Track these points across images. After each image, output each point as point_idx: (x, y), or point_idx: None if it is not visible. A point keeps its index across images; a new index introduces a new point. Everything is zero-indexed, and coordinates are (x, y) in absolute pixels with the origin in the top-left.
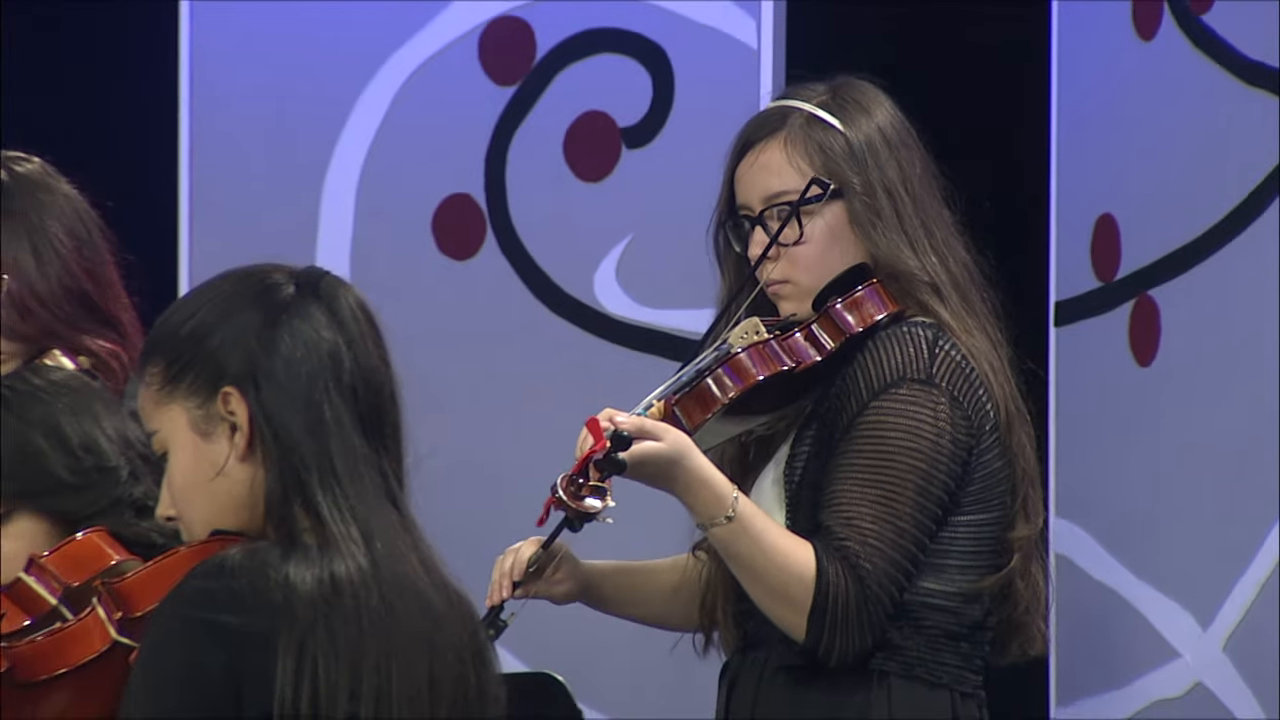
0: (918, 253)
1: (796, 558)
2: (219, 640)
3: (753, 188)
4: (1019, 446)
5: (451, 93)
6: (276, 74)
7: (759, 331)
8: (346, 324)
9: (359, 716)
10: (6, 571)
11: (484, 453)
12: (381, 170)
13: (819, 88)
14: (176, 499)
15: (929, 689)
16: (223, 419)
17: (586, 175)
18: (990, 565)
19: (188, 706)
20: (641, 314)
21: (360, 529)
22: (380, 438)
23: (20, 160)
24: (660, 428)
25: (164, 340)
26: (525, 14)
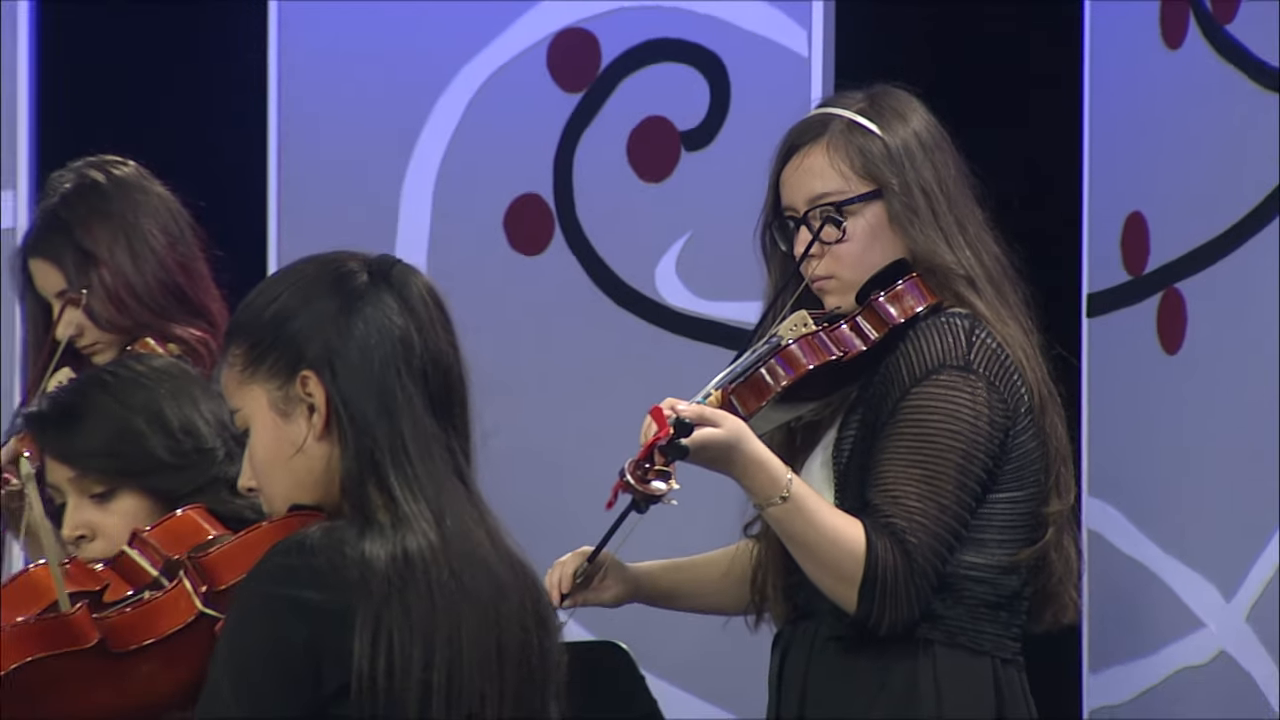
0: (953, 248)
1: (847, 534)
2: (300, 616)
3: (797, 190)
4: (1051, 427)
5: (522, 99)
6: (359, 80)
7: (807, 324)
8: (416, 310)
9: (432, 685)
10: (111, 545)
11: (551, 436)
12: (456, 171)
13: (857, 96)
14: (257, 473)
15: (971, 656)
16: (301, 400)
17: (648, 176)
18: (1026, 539)
19: (270, 678)
20: (699, 306)
21: (430, 506)
22: (449, 418)
23: (117, 164)
24: (719, 415)
25: (246, 323)
26: (591, 25)
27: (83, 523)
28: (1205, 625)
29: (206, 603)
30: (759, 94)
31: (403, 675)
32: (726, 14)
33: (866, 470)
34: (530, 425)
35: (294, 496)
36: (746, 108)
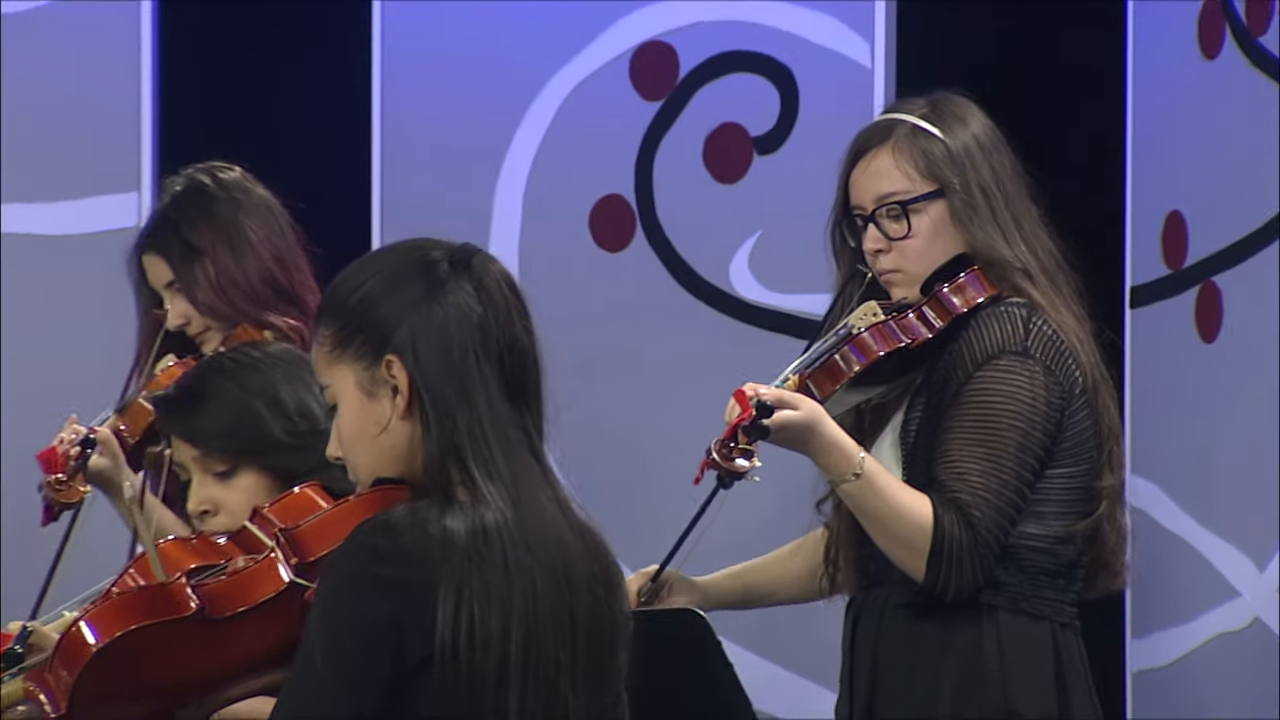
0: (1010, 243)
1: (916, 509)
2: (385, 592)
3: (865, 190)
4: (1104, 407)
5: (606, 106)
6: (456, 89)
7: (877, 314)
8: (494, 297)
9: (510, 654)
10: (233, 520)
11: (633, 420)
12: (545, 173)
13: (920, 102)
14: (344, 447)
15: (1032, 621)
16: (386, 382)
17: (722, 178)
18: (1081, 511)
19: (358, 650)
20: (771, 298)
21: (506, 483)
22: (524, 399)
23: (224, 168)
24: (797, 398)
25: (335, 306)
26: (670, 39)
27: (207, 498)
28: (1240, 594)
29: (297, 573)
30: (825, 101)
31: (483, 646)
32: (795, 28)
33: (932, 449)
34: (613, 410)
35: (378, 470)
36: (814, 114)
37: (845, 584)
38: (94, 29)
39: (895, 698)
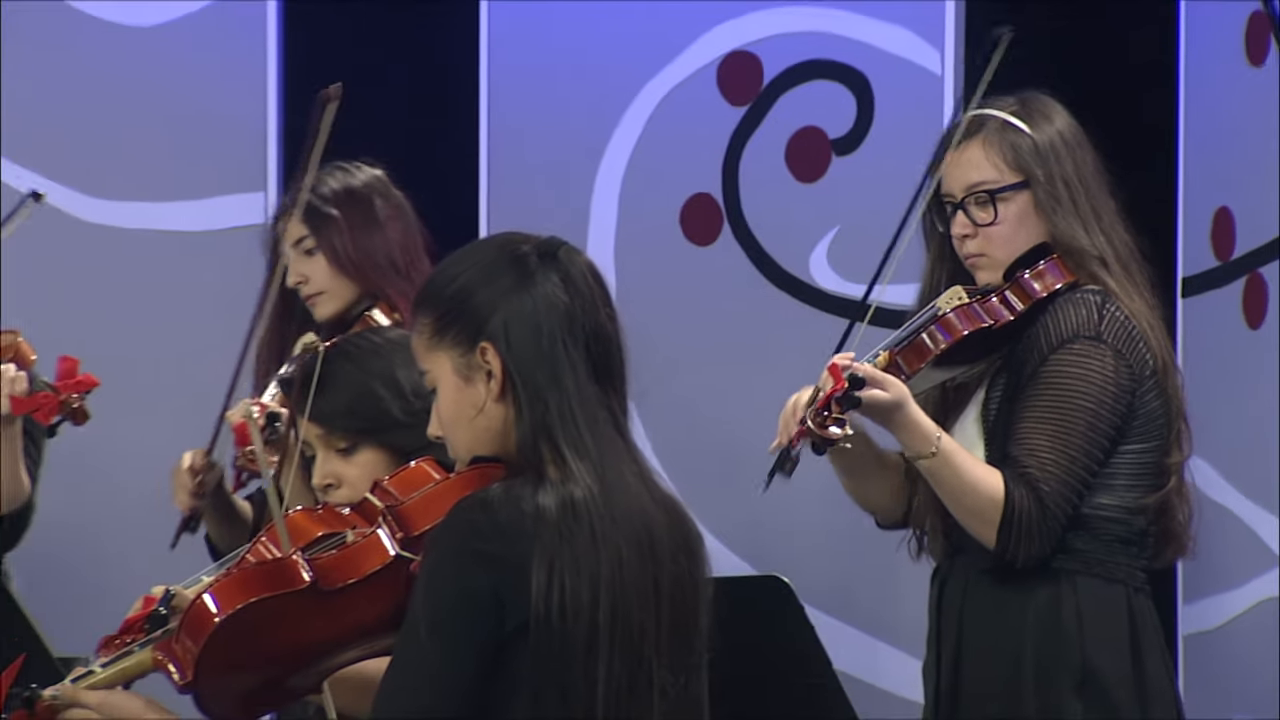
0: (1089, 233)
1: (988, 483)
2: (483, 565)
3: (956, 179)
4: (1173, 389)
5: (696, 111)
6: (557, 96)
7: (962, 297)
8: (579, 287)
9: (599, 621)
10: (354, 493)
11: (719, 400)
12: (639, 173)
13: (1010, 100)
14: (444, 428)
15: (1107, 585)
16: (480, 367)
17: (803, 177)
18: (1152, 485)
19: (459, 620)
20: (847, 289)
21: (593, 460)
22: (609, 381)
23: (370, 163)
24: (888, 379)
25: (433, 296)
26: (755, 49)
27: (330, 473)
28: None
29: (403, 546)
30: (898, 106)
31: (573, 614)
32: (871, 38)
33: (1008, 426)
34: (701, 391)
35: (476, 449)
36: (888, 118)
37: (932, 551)
38: (223, 42)
39: (980, 658)
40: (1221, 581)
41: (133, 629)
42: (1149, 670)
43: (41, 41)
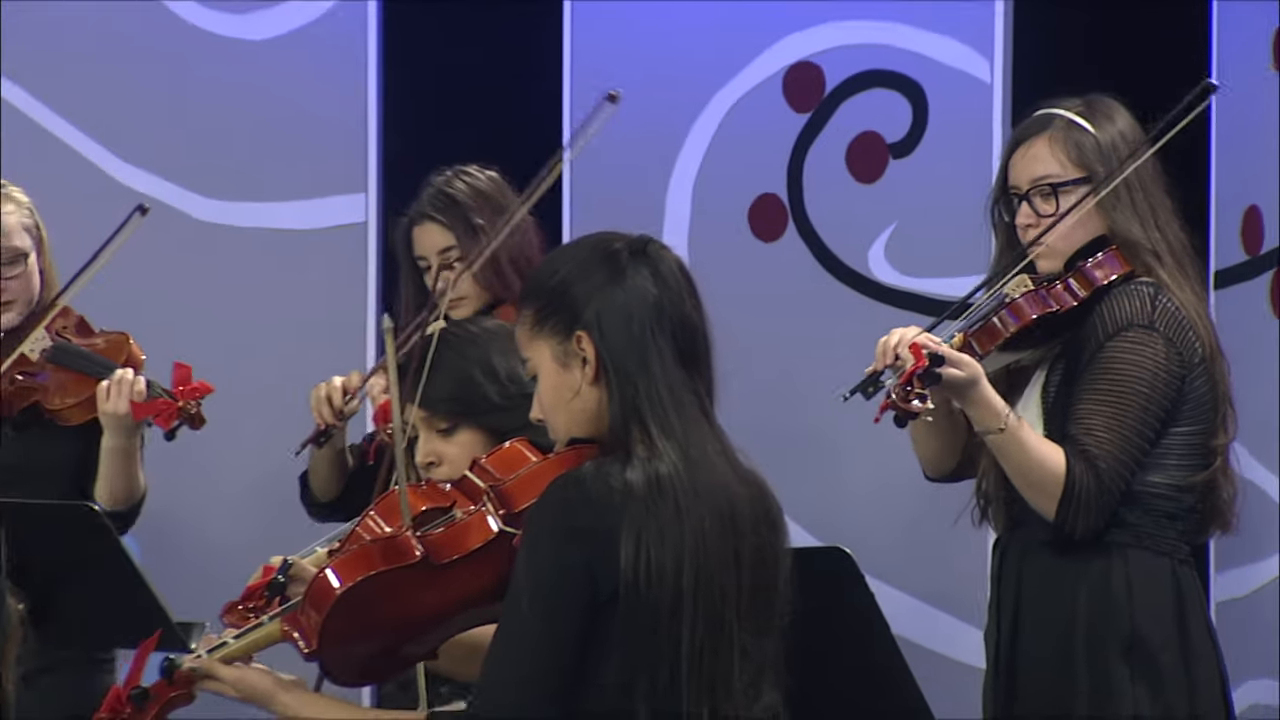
0: (1145, 228)
1: (1052, 459)
2: (577, 539)
3: (1023, 173)
4: (1219, 375)
5: (762, 117)
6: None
7: (1028, 284)
8: (667, 281)
9: (683, 587)
10: (455, 470)
11: (786, 386)
12: (711, 175)
13: (1076, 100)
14: (544, 411)
15: (1155, 557)
16: (576, 354)
17: (862, 178)
18: (1200, 465)
19: (557, 590)
20: (904, 282)
21: (678, 439)
22: (695, 366)
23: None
24: (963, 358)
25: (533, 291)
26: (817, 60)
27: (432, 452)
28: None
29: (505, 523)
30: (951, 112)
31: (659, 580)
32: (925, 49)
33: (1067, 407)
34: (769, 376)
35: (573, 431)
36: (941, 123)
37: (994, 522)
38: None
39: (1036, 624)
40: (1250, 553)
41: (253, 595)
42: (1193, 636)
43: (165, 56)
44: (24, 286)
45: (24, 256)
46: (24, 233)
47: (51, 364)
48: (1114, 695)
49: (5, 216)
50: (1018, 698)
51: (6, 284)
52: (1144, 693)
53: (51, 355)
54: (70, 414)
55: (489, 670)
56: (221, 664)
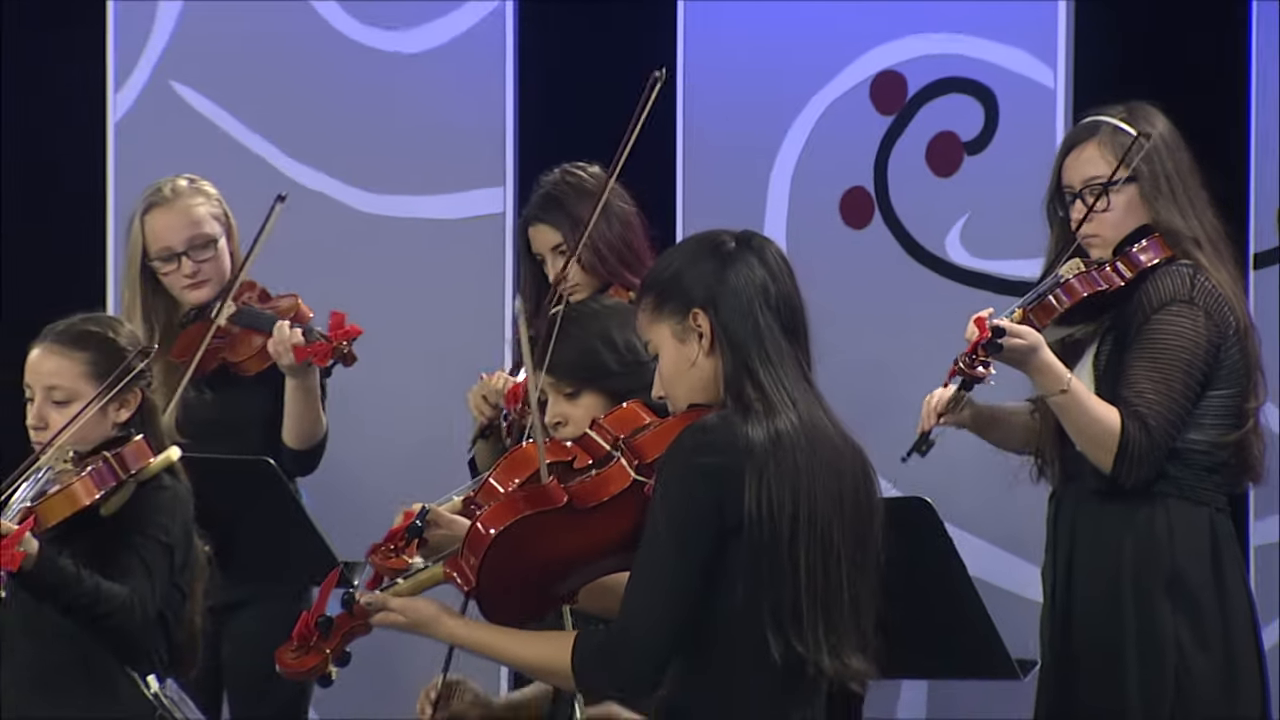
0: (1184, 218)
1: (1108, 418)
2: (706, 477)
3: (1075, 173)
4: (1251, 346)
5: (852, 119)
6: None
7: (1080, 267)
8: (771, 265)
9: (798, 519)
10: (578, 429)
11: (873, 356)
12: (806, 170)
13: (1119, 108)
14: (665, 384)
15: (1194, 506)
16: (693, 330)
17: (940, 173)
18: (1234, 425)
19: (689, 521)
20: (977, 264)
21: (789, 398)
22: (796, 339)
23: (589, 166)
24: (1023, 329)
25: (654, 281)
26: (901, 68)
27: (559, 413)
28: None
29: (638, 472)
30: (1018, 114)
31: (778, 514)
32: (996, 58)
33: (1118, 374)
34: (858, 349)
35: (692, 397)
36: (1010, 124)
37: (1049, 477)
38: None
39: (1087, 564)
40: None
41: (394, 538)
42: (1227, 576)
43: (330, 66)
44: (215, 268)
45: (214, 242)
46: (214, 221)
47: (238, 326)
48: (1156, 626)
49: (198, 208)
50: (1071, 627)
51: (200, 266)
52: (1183, 624)
53: (237, 319)
54: (249, 364)
55: (631, 592)
56: (393, 597)
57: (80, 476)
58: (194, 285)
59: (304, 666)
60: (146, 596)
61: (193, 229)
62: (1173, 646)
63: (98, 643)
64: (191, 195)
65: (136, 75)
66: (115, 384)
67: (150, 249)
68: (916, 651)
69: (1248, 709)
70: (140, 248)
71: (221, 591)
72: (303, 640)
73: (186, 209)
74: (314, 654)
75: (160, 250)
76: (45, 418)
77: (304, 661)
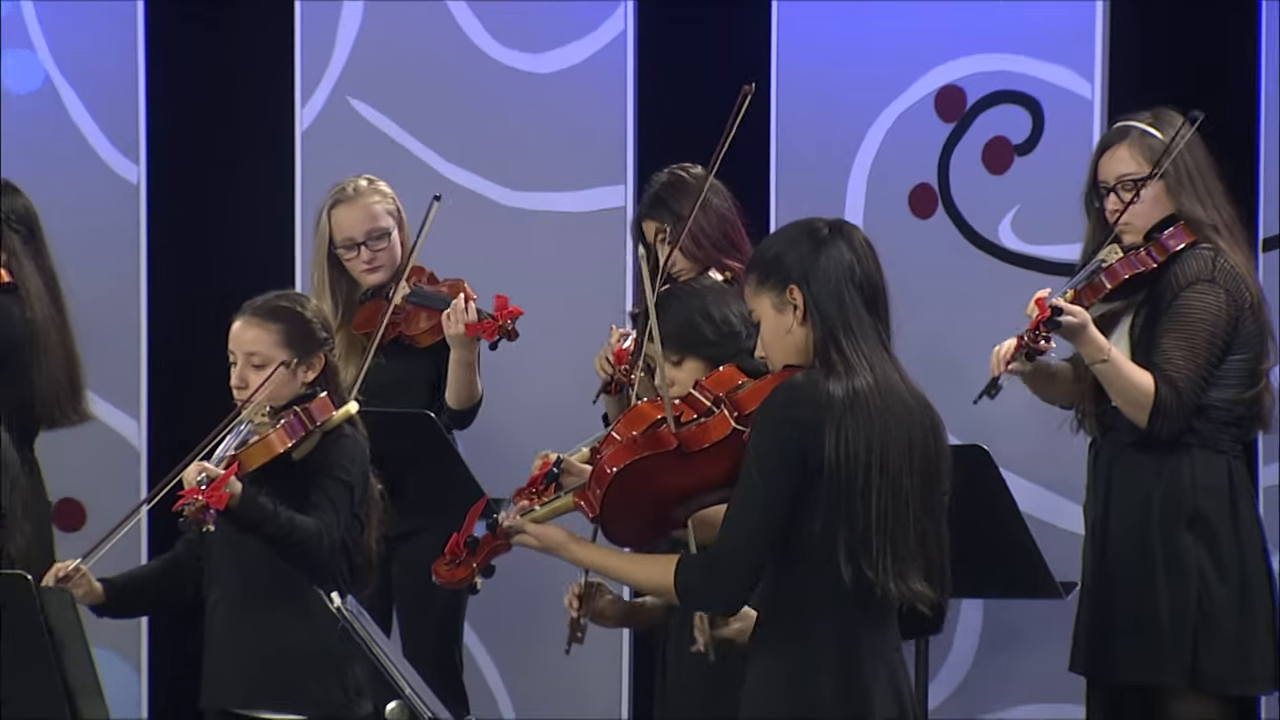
0: (1204, 208)
1: (1144, 380)
2: (794, 426)
3: (1109, 171)
4: (1264, 317)
5: (919, 126)
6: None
7: (1118, 252)
8: (857, 249)
9: (872, 465)
10: (683, 389)
11: (936, 330)
12: (880, 169)
13: (1147, 114)
14: (765, 347)
15: (1215, 454)
16: (789, 303)
17: (994, 171)
18: (1249, 384)
19: (779, 464)
20: (1026, 249)
21: (867, 361)
22: (877, 311)
23: (693, 166)
24: (1076, 308)
25: (758, 261)
26: (960, 83)
27: (667, 377)
28: None
29: (737, 422)
30: (1061, 121)
31: (853, 459)
32: (1041, 74)
33: (1151, 344)
34: (924, 322)
35: (786, 359)
36: (1054, 129)
37: (1088, 429)
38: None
39: (1122, 503)
40: None
41: (535, 482)
42: (1242, 514)
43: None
44: (389, 255)
45: (388, 233)
46: (387, 215)
47: (411, 304)
48: (1181, 555)
49: (375, 204)
50: (1108, 556)
51: (376, 253)
52: (1203, 553)
53: (411, 298)
54: (423, 338)
55: (728, 521)
56: (530, 522)
57: (275, 428)
58: (371, 269)
59: (455, 577)
60: (331, 527)
61: (371, 222)
62: (1195, 572)
63: (291, 566)
64: (370, 193)
65: (319, 93)
66: (305, 350)
67: (335, 238)
68: (975, 575)
69: (1259, 623)
70: (327, 237)
71: (393, 523)
72: (454, 556)
73: (366, 205)
74: (463, 568)
75: (344, 240)
76: (245, 379)
77: (455, 573)
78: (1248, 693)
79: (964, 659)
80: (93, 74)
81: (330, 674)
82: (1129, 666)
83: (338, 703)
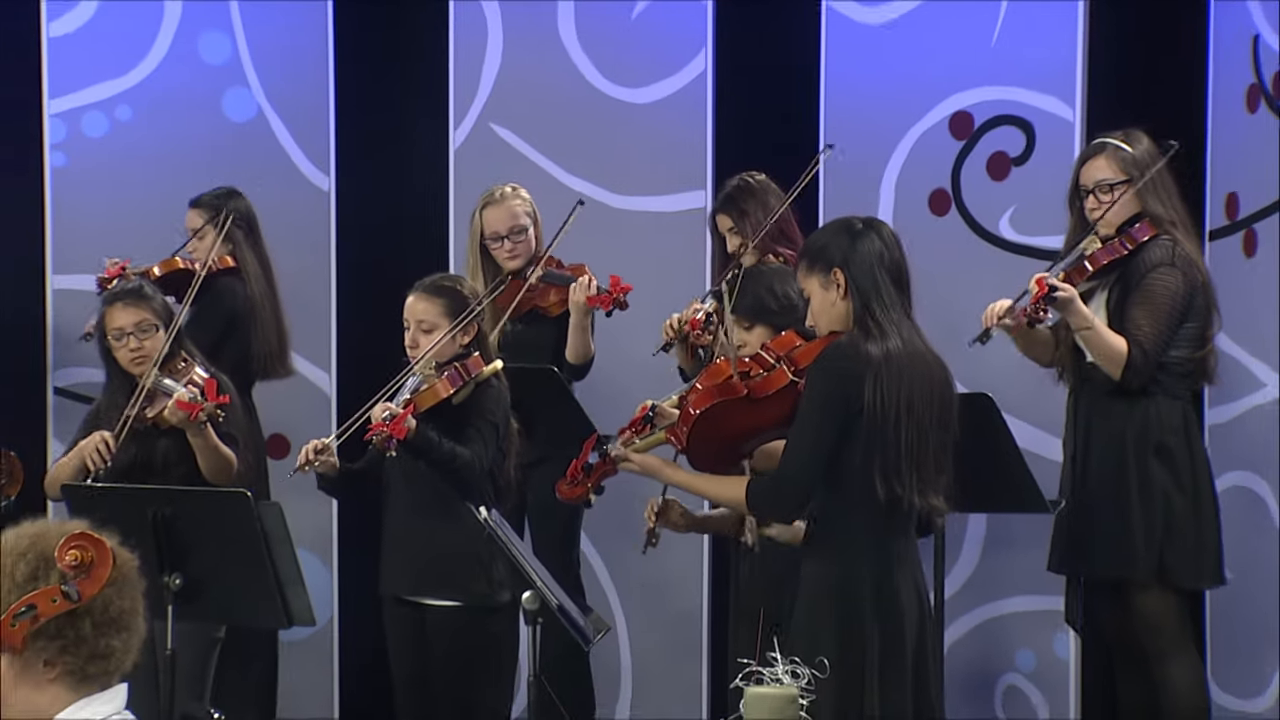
0: (1165, 208)
1: (1119, 345)
2: (840, 377)
3: (1089, 177)
4: (1210, 294)
5: (935, 144)
6: (860, 132)
7: (1096, 243)
8: (887, 240)
9: (899, 407)
10: (752, 350)
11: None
12: (905, 176)
13: (1119, 132)
14: (813, 318)
15: (1173, 400)
16: (834, 282)
17: (996, 178)
18: (1199, 345)
19: (828, 408)
20: (1021, 239)
21: (896, 327)
22: (902, 289)
23: (757, 173)
24: (1067, 286)
25: (809, 248)
26: (969, 109)
27: (740, 340)
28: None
29: (794, 375)
30: (1048, 139)
31: (887, 402)
32: (1033, 101)
33: (1123, 314)
34: (940, 298)
35: (831, 327)
36: (1043, 146)
37: (1069, 381)
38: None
39: (1101, 439)
40: (1229, 395)
41: (634, 424)
42: (1194, 446)
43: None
44: (526, 247)
45: (526, 230)
46: (526, 215)
47: (543, 283)
48: (1150, 478)
49: (517, 206)
50: (1088, 482)
51: (516, 245)
52: (1167, 478)
53: (544, 278)
54: (553, 309)
55: (787, 451)
56: (633, 452)
57: (441, 379)
58: (511, 257)
59: (574, 495)
60: (481, 456)
61: (513, 220)
62: (1160, 492)
63: (449, 486)
64: (512, 198)
65: (466, 120)
66: (464, 320)
67: (485, 233)
68: (981, 495)
69: (1209, 530)
70: (479, 231)
71: (526, 454)
72: (573, 478)
73: (509, 207)
74: (579, 486)
75: (491, 234)
76: (417, 341)
77: (574, 491)
78: (1200, 587)
79: (971, 560)
80: (294, 106)
81: (478, 570)
82: (1107, 565)
83: (484, 593)
